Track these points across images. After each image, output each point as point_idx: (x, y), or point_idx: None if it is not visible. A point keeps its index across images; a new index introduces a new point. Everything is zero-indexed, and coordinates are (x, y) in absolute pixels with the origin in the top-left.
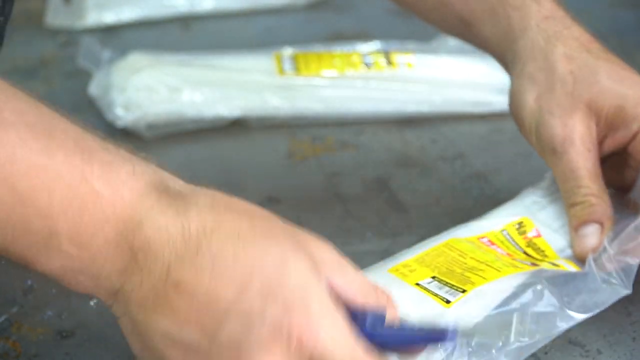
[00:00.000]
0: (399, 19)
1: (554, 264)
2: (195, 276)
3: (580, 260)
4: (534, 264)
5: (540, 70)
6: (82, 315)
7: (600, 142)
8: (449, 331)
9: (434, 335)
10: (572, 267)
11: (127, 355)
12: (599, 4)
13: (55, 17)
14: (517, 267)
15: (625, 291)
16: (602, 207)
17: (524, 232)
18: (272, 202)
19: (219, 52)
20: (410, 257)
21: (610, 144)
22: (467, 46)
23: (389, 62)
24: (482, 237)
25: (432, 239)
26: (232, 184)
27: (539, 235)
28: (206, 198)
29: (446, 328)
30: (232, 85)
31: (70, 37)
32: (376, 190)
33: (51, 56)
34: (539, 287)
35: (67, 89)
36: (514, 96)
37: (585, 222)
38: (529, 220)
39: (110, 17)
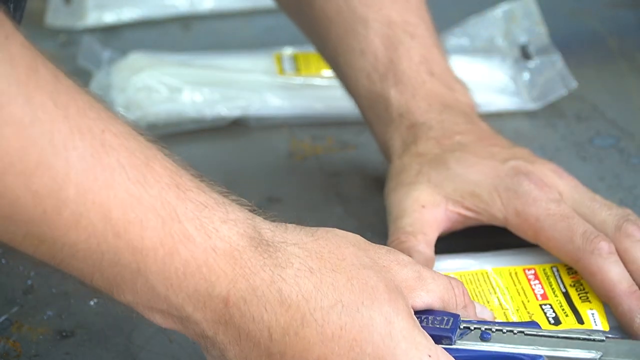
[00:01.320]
0: None
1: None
2: (303, 348)
3: None
4: (556, 321)
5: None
6: (82, 315)
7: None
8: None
9: None
10: (600, 325)
11: (127, 355)
12: (599, 4)
13: (56, 17)
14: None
15: None
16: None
17: (574, 273)
18: (272, 202)
19: (219, 52)
20: (447, 272)
21: (475, 220)
22: (467, 46)
23: None
24: (530, 269)
25: (480, 257)
26: (232, 184)
27: None
28: (299, 253)
29: (530, 356)
30: (232, 85)
31: (70, 37)
32: (376, 190)
33: (51, 56)
34: None
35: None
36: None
37: None
38: None
39: (110, 17)
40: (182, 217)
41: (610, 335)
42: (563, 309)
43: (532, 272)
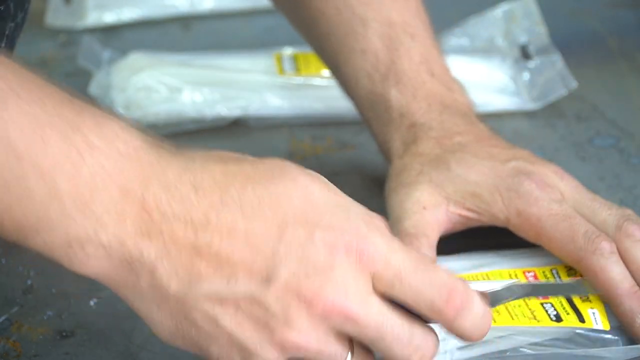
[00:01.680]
0: None
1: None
2: (228, 229)
3: None
4: (557, 318)
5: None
6: (82, 315)
7: (466, 218)
8: None
9: None
10: (601, 324)
11: (127, 355)
12: (599, 4)
13: (56, 17)
14: (535, 319)
15: None
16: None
17: (574, 274)
18: None
19: (219, 52)
20: None
21: (477, 221)
22: (467, 46)
23: None
24: (529, 272)
25: (479, 259)
26: None
27: None
28: (197, 152)
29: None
30: (232, 85)
31: (70, 37)
32: (376, 190)
33: (51, 56)
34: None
35: (67, 89)
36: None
37: None
38: None
39: (110, 17)
40: (82, 128)
41: None
42: (564, 308)
43: (532, 274)
